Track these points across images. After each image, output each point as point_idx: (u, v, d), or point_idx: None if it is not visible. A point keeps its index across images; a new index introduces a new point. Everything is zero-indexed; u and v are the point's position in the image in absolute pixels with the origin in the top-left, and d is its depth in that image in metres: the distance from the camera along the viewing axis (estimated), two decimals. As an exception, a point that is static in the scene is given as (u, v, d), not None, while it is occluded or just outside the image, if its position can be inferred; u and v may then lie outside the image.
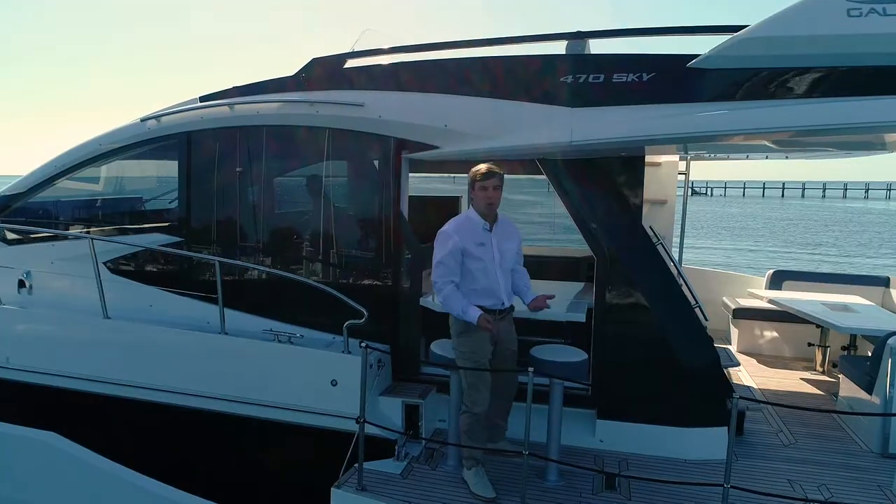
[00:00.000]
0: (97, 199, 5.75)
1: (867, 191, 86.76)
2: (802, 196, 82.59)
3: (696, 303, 4.66)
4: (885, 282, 6.82)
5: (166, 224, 5.12)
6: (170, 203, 5.61)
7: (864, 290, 6.64)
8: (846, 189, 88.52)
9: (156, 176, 5.67)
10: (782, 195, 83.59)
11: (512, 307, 3.90)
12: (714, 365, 4.17)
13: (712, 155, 5.84)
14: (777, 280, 7.08)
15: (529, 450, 3.34)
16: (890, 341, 4.27)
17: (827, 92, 3.66)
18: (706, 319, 4.57)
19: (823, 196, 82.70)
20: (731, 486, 2.98)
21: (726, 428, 4.21)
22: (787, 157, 5.92)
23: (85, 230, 5.40)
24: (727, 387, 4.22)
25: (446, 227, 3.73)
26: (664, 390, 4.12)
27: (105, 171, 5.50)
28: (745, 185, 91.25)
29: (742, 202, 69.14)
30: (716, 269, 7.96)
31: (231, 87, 4.95)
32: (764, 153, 5.34)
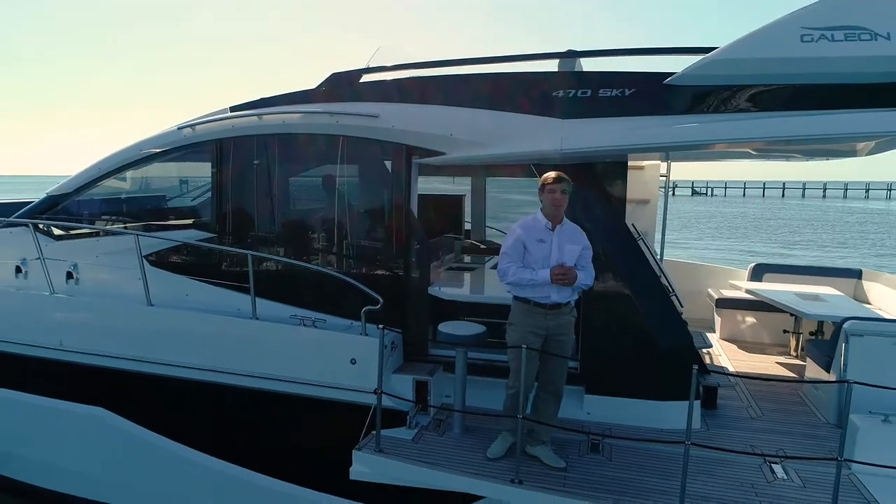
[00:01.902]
0: (135, 199, 6.34)
1: (867, 191, 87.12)
2: (803, 196, 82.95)
3: (673, 291, 5.22)
4: (857, 274, 7.38)
5: (201, 222, 5.70)
6: (192, 201, 6.20)
7: (838, 282, 7.19)
8: (846, 189, 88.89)
9: (190, 178, 6.24)
10: (782, 195, 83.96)
11: (570, 305, 4.15)
12: (688, 345, 4.73)
13: (692, 158, 6.40)
14: (758, 272, 7.63)
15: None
16: (845, 325, 4.80)
17: (784, 107, 4.23)
18: (682, 306, 5.12)
19: (824, 196, 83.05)
20: (692, 444, 3.53)
21: (699, 401, 4.80)
22: (787, 160, 6.40)
23: (123, 227, 5.99)
24: (700, 364, 4.77)
25: (516, 224, 4.20)
26: (644, 368, 4.67)
27: (144, 173, 6.08)
28: (745, 186, 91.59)
29: (741, 202, 69.47)
30: (703, 263, 8.52)
31: (259, 98, 5.53)
32: (740, 158, 5.89)
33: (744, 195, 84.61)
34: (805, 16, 4.04)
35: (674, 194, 7.45)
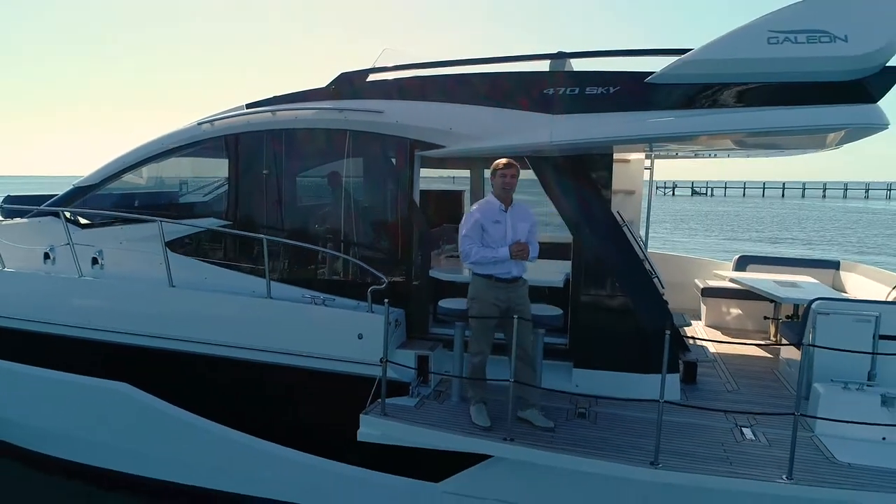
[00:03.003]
0: (154, 193, 6.77)
1: (867, 191, 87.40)
2: (802, 196, 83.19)
3: (655, 274, 5.64)
4: (835, 265, 7.77)
5: (218, 211, 6.12)
6: (205, 196, 6.62)
7: (817, 273, 7.58)
8: (846, 189, 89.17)
9: (204, 174, 6.67)
10: (782, 195, 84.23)
11: (524, 280, 4.61)
12: (668, 323, 5.14)
13: (675, 153, 6.82)
14: (742, 264, 8.02)
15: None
16: (814, 305, 5.21)
17: (753, 102, 4.65)
18: (662, 287, 5.54)
19: (824, 196, 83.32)
20: (665, 402, 3.95)
21: (678, 374, 5.21)
22: (759, 155, 6.78)
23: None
24: (679, 340, 5.18)
25: (472, 207, 4.63)
26: (627, 344, 5.09)
27: (162, 169, 6.51)
28: (745, 186, 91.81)
29: (739, 202, 69.69)
30: (691, 256, 8.93)
31: (272, 96, 5.97)
32: (717, 152, 6.31)
33: (744, 195, 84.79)
34: (771, 20, 4.47)
35: (674, 194, 7.87)
